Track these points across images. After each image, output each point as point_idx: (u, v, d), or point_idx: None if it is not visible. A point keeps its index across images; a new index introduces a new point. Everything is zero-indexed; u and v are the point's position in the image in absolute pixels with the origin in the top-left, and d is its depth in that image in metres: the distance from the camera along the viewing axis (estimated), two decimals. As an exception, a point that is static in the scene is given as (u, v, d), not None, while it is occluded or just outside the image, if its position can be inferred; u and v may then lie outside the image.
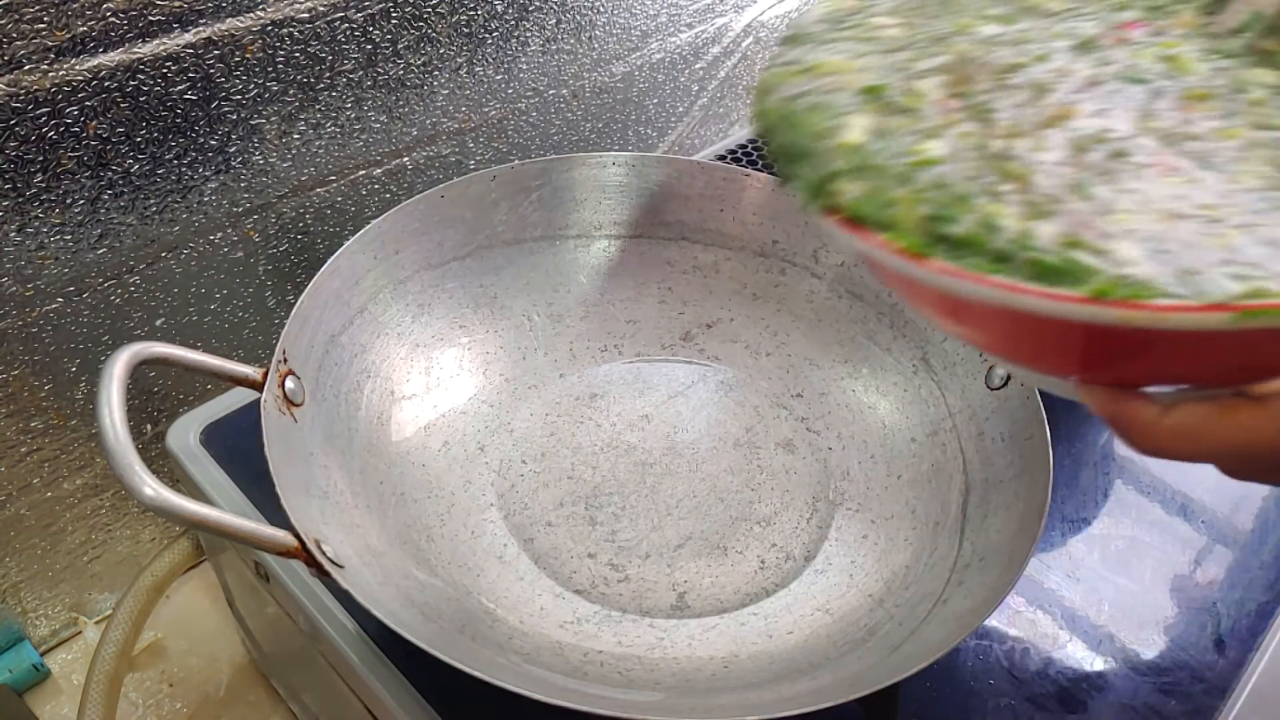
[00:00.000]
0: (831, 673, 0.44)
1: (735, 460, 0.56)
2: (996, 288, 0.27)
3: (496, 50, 0.69)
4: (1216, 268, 0.27)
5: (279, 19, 0.56)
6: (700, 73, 0.88)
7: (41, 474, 0.61)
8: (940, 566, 0.48)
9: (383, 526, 0.48)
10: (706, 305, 0.63)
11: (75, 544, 0.66)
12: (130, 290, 0.58)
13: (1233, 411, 0.28)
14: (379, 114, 0.65)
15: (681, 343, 0.62)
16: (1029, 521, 0.45)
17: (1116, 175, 0.31)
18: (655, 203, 0.62)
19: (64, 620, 0.70)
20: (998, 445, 0.51)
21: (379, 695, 0.45)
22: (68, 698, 0.67)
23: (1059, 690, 0.49)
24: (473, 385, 0.58)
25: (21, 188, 0.51)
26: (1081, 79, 0.35)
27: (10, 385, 0.56)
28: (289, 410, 0.46)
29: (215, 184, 0.59)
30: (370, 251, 0.54)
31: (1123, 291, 0.26)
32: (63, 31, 0.48)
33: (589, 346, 0.61)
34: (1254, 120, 0.33)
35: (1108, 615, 0.53)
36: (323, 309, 0.51)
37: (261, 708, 0.69)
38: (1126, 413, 0.29)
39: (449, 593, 0.47)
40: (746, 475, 0.56)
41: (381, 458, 0.52)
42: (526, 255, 0.61)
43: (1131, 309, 0.26)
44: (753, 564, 0.51)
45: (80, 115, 0.51)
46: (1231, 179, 0.31)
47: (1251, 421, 0.28)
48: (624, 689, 0.44)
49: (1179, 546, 0.57)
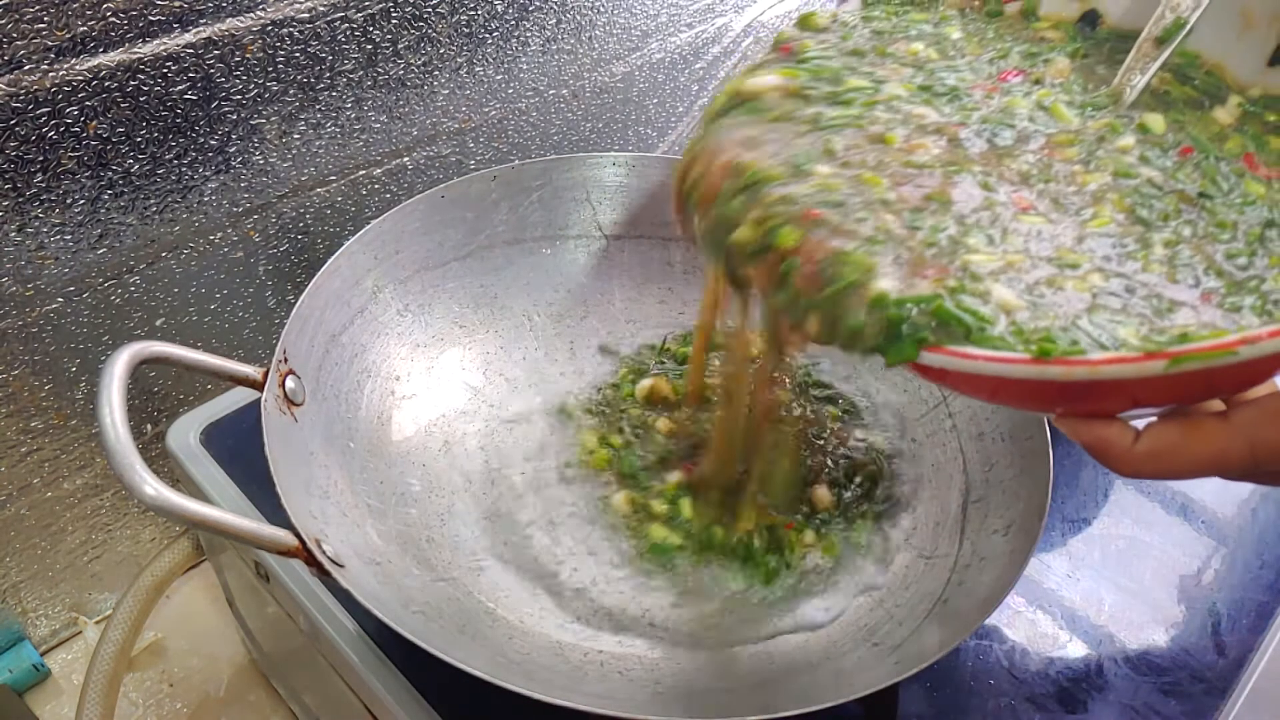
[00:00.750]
0: (832, 673, 0.44)
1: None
2: (949, 355, 0.30)
3: (497, 50, 0.69)
4: (1086, 316, 0.31)
5: (279, 19, 0.56)
6: (700, 73, 0.88)
7: (41, 474, 0.61)
8: (940, 566, 0.48)
9: (383, 526, 0.48)
10: (706, 305, 0.63)
11: (75, 544, 0.66)
12: (130, 290, 0.58)
13: (1200, 428, 0.30)
14: (379, 114, 0.65)
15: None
16: (1029, 521, 0.45)
17: (981, 220, 0.34)
18: (655, 203, 0.62)
19: (64, 620, 0.70)
20: (998, 445, 0.51)
21: (379, 695, 0.45)
22: (68, 698, 0.67)
23: (1059, 690, 0.49)
24: (473, 385, 0.58)
25: (21, 188, 0.51)
26: (955, 126, 0.38)
27: (10, 385, 0.56)
28: (289, 410, 0.46)
29: (215, 184, 0.59)
30: (370, 251, 0.54)
31: (1061, 350, 0.29)
32: (63, 31, 0.48)
33: (589, 346, 0.61)
34: (1116, 168, 0.36)
35: (1108, 615, 0.53)
36: (323, 309, 0.51)
37: (261, 708, 0.69)
38: (1102, 440, 0.31)
39: (449, 593, 0.47)
40: (746, 475, 0.56)
41: (381, 458, 0.52)
42: (526, 255, 0.61)
43: (1071, 365, 0.28)
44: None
45: (80, 115, 0.51)
46: (1084, 223, 0.34)
47: (1219, 436, 0.29)
48: (624, 689, 0.44)
49: (1179, 546, 0.57)
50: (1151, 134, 0.39)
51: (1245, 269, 0.33)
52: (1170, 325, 0.31)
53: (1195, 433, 0.30)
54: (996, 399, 0.35)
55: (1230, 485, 0.58)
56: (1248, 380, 0.30)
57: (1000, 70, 0.41)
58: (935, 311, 0.30)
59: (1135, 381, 0.28)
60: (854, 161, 0.36)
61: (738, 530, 0.51)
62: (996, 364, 0.29)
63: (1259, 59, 0.40)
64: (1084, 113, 0.39)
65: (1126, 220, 0.35)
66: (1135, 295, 0.32)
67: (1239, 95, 0.40)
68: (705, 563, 0.50)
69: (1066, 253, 0.33)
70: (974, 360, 0.29)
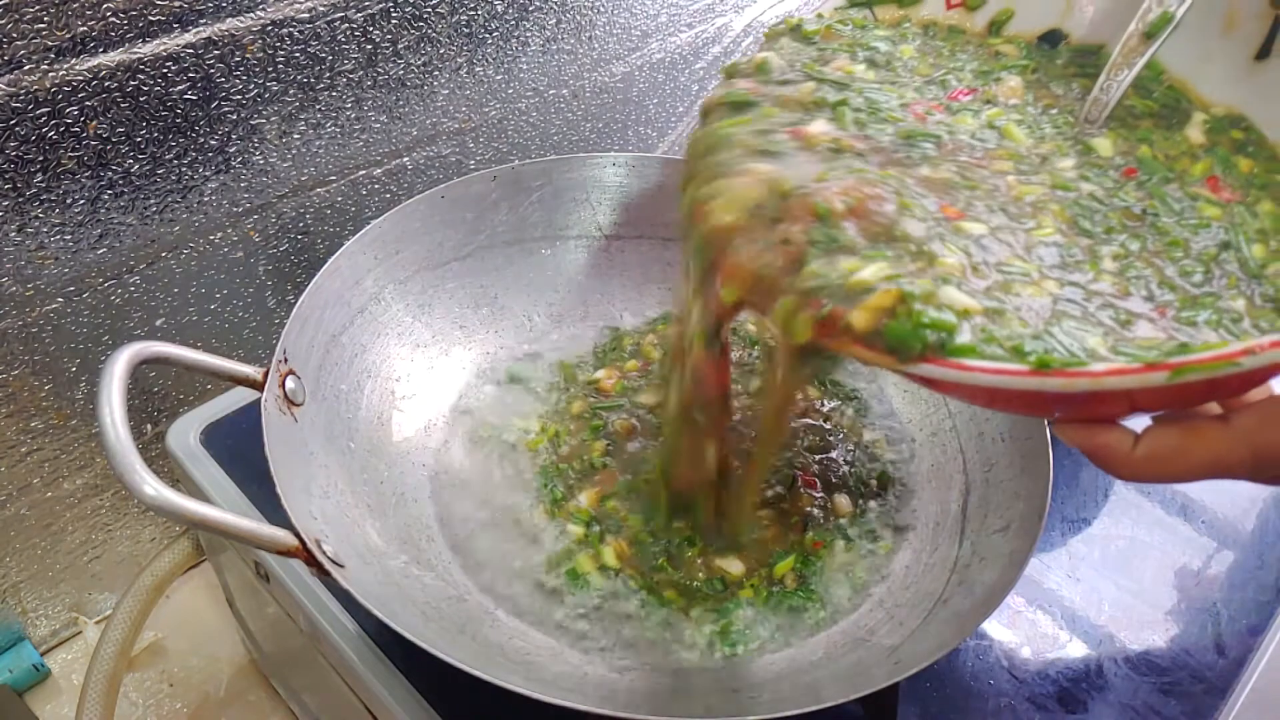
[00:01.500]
0: (831, 673, 0.44)
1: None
2: (948, 367, 0.30)
3: (497, 50, 0.69)
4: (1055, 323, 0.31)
5: (279, 19, 0.56)
6: (700, 73, 0.88)
7: (41, 474, 0.61)
8: (940, 566, 0.48)
9: (383, 526, 0.48)
10: (706, 305, 0.62)
11: (75, 544, 0.66)
12: (130, 290, 0.58)
13: (1199, 433, 0.30)
14: (379, 114, 0.65)
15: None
16: (1029, 521, 0.45)
17: (943, 230, 0.34)
18: (655, 203, 0.62)
19: (64, 620, 0.70)
20: (998, 445, 0.51)
21: (379, 695, 0.45)
22: (68, 698, 0.67)
23: (1059, 690, 0.49)
24: (473, 385, 0.58)
25: (21, 188, 0.51)
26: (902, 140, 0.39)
27: (10, 385, 0.56)
28: (289, 410, 0.46)
29: (215, 184, 0.59)
30: (370, 251, 0.54)
31: (1061, 361, 0.29)
32: (63, 31, 0.48)
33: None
34: (1054, 181, 0.36)
35: (1108, 615, 0.53)
36: (323, 309, 0.51)
37: (261, 708, 0.69)
38: (1102, 446, 0.31)
39: (449, 593, 0.47)
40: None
41: (381, 458, 0.52)
42: (526, 255, 0.61)
43: (1073, 377, 0.28)
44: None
45: (80, 115, 0.51)
46: (1030, 231, 0.34)
47: (1219, 440, 0.30)
48: (624, 689, 0.44)
49: (1179, 546, 0.57)
50: (1096, 155, 0.39)
51: (1200, 285, 0.34)
52: (1133, 337, 0.31)
53: (1194, 437, 0.30)
54: (994, 406, 0.35)
55: (1230, 485, 0.58)
56: (1246, 386, 0.30)
57: (951, 89, 0.41)
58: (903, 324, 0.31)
59: (1136, 390, 0.28)
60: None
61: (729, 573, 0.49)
62: (996, 376, 0.29)
63: (1241, 59, 0.40)
64: (1035, 133, 0.39)
65: (1070, 230, 0.35)
66: (1093, 305, 0.32)
67: (1203, 113, 0.40)
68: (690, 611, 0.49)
69: (1015, 259, 0.33)
70: (973, 372, 0.29)
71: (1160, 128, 0.40)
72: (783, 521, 0.51)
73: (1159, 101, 0.41)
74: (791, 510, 0.52)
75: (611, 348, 0.61)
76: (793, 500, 0.52)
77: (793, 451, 0.55)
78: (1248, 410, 0.30)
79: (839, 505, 0.52)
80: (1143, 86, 0.41)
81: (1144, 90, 0.41)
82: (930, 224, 0.34)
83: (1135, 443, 0.30)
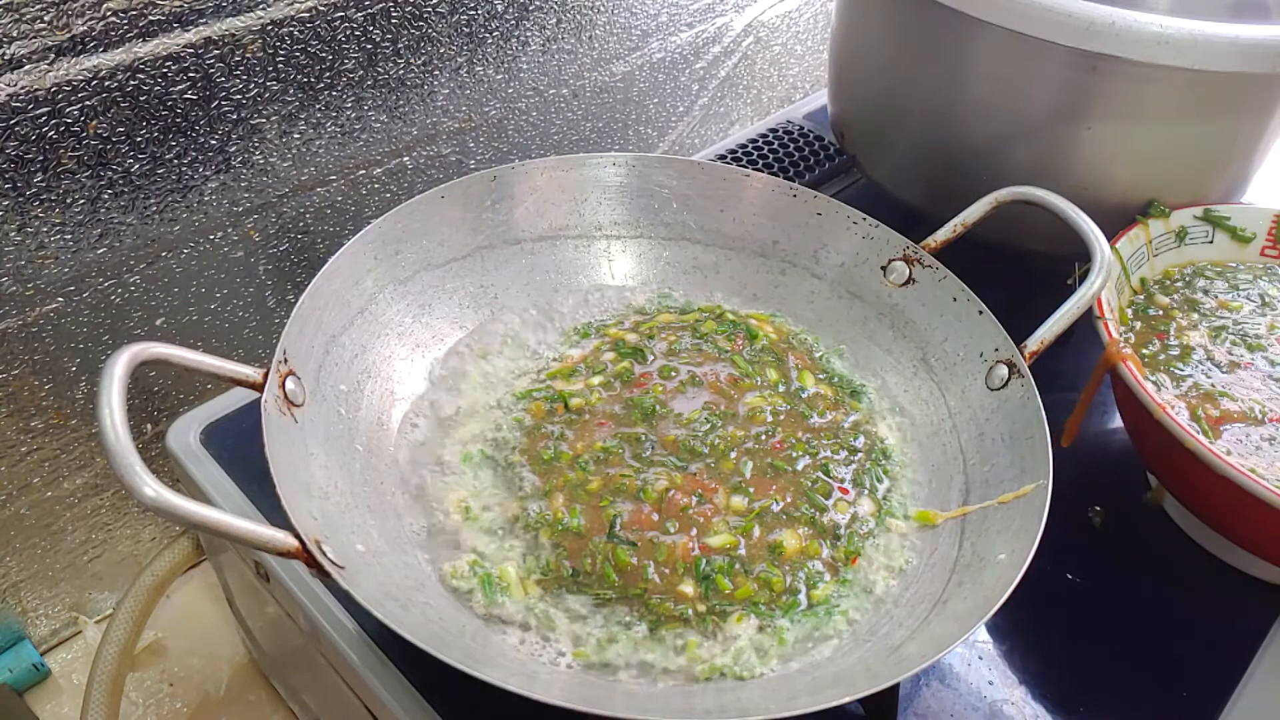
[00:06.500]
0: (832, 672, 0.44)
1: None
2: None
3: (497, 50, 0.69)
4: None
5: (279, 19, 0.56)
6: (700, 73, 0.88)
7: (41, 474, 0.61)
8: (940, 566, 0.48)
9: (383, 526, 0.48)
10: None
11: (75, 543, 0.66)
12: (130, 290, 0.58)
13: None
14: (379, 114, 0.65)
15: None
16: (1029, 521, 0.45)
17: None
18: (655, 203, 0.62)
19: (64, 620, 0.70)
20: (998, 445, 0.51)
21: (379, 695, 0.45)
22: (68, 697, 0.67)
23: (1059, 690, 0.49)
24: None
25: (21, 187, 0.51)
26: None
27: (10, 385, 0.56)
28: (289, 410, 0.46)
29: (215, 184, 0.59)
30: (371, 251, 0.54)
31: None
32: (63, 31, 0.48)
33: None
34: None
35: (1108, 615, 0.53)
36: (323, 309, 0.51)
37: (261, 708, 0.69)
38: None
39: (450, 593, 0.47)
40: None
41: (382, 458, 0.52)
42: (526, 255, 0.61)
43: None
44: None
45: (80, 115, 0.51)
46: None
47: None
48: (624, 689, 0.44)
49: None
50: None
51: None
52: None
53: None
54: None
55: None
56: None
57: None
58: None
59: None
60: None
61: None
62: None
63: None
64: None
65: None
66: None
67: None
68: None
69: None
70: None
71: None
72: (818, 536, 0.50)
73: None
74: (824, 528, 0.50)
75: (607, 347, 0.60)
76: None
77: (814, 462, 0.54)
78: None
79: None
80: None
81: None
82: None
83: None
